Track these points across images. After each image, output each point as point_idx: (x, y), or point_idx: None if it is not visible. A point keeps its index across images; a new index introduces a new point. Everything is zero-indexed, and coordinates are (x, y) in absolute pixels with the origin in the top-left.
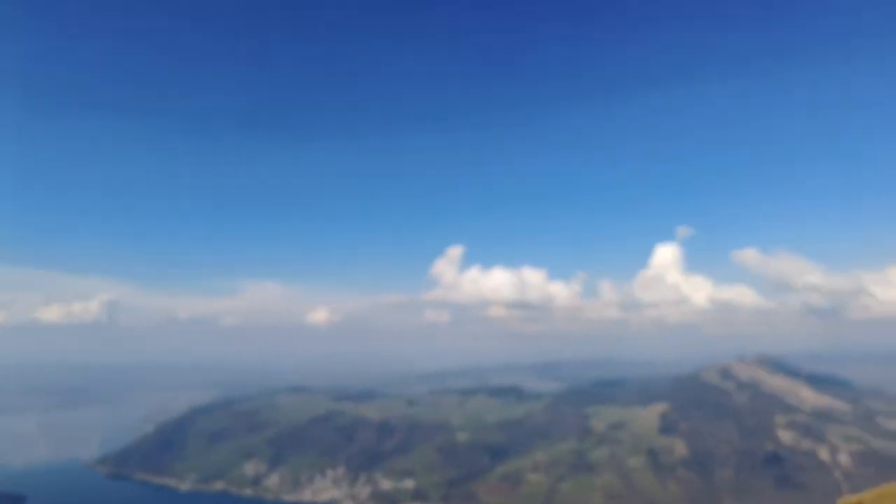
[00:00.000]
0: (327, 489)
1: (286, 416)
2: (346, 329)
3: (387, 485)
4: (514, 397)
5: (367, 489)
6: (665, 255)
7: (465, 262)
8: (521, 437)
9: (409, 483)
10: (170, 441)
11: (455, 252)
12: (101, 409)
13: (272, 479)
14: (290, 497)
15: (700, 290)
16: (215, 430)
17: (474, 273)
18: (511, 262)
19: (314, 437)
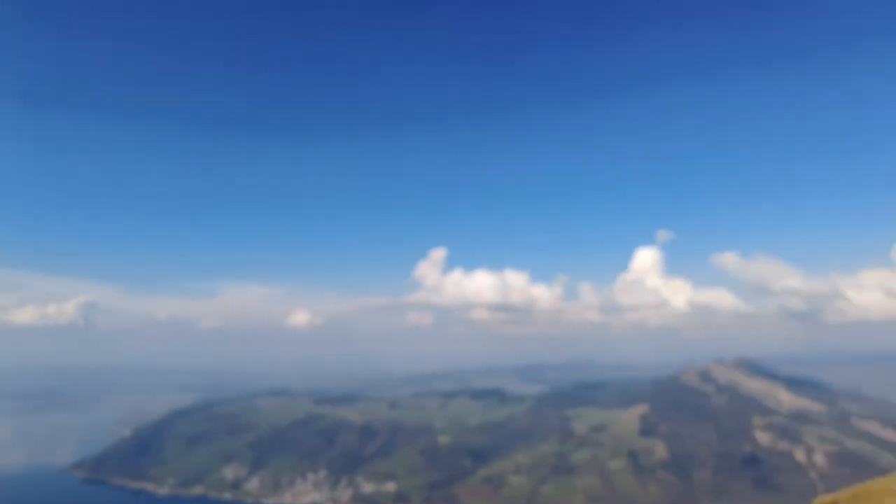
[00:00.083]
0: (308, 493)
1: (266, 420)
2: (327, 331)
3: (368, 488)
4: (496, 400)
5: (349, 492)
6: (645, 259)
7: (448, 265)
8: (503, 439)
9: (390, 486)
10: (148, 445)
11: (438, 254)
12: (76, 412)
13: (252, 483)
14: (271, 501)
15: (680, 294)
16: (194, 434)
17: (457, 275)
18: (493, 264)
19: (295, 441)
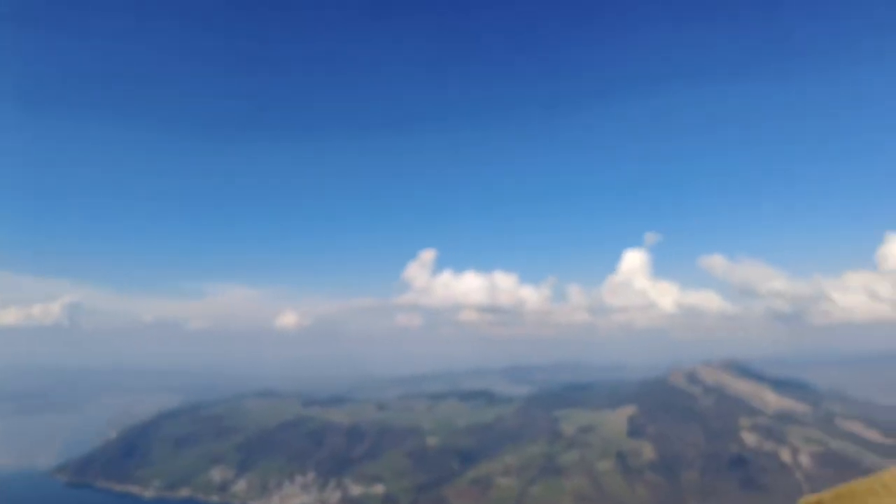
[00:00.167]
0: (296, 495)
1: (254, 422)
2: (315, 333)
3: (356, 490)
4: (484, 401)
5: (337, 494)
6: (633, 261)
7: (438, 266)
8: (492, 441)
9: (378, 488)
10: (133, 447)
11: (427, 256)
12: (61, 414)
13: (239, 485)
14: (258, 503)
15: (667, 296)
16: (181, 436)
17: (446, 277)
18: (483, 266)
19: (283, 443)
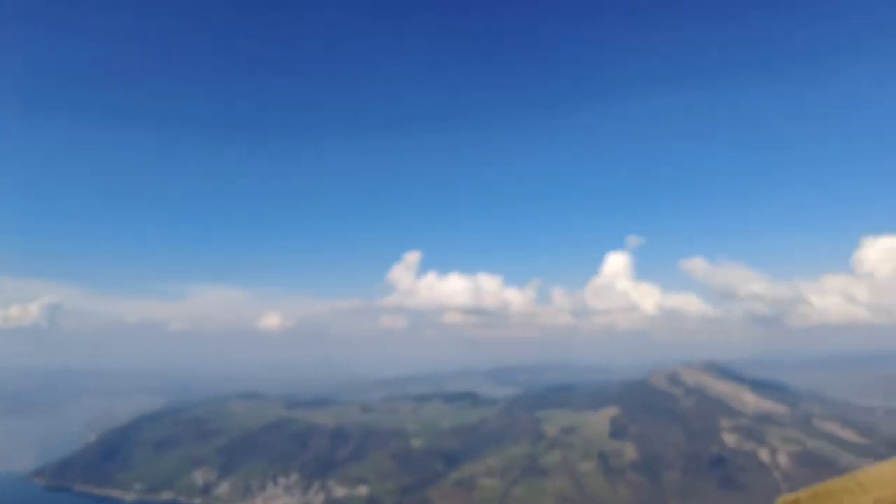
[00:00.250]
0: (279, 497)
1: (237, 424)
2: (299, 334)
3: (340, 492)
4: (468, 403)
5: (321, 497)
6: (616, 264)
7: (422, 268)
8: (476, 442)
9: (362, 490)
10: (114, 450)
11: (412, 257)
12: (39, 417)
13: (222, 488)
14: None
15: (649, 298)
16: (163, 438)
17: (431, 279)
18: (467, 268)
19: (266, 445)
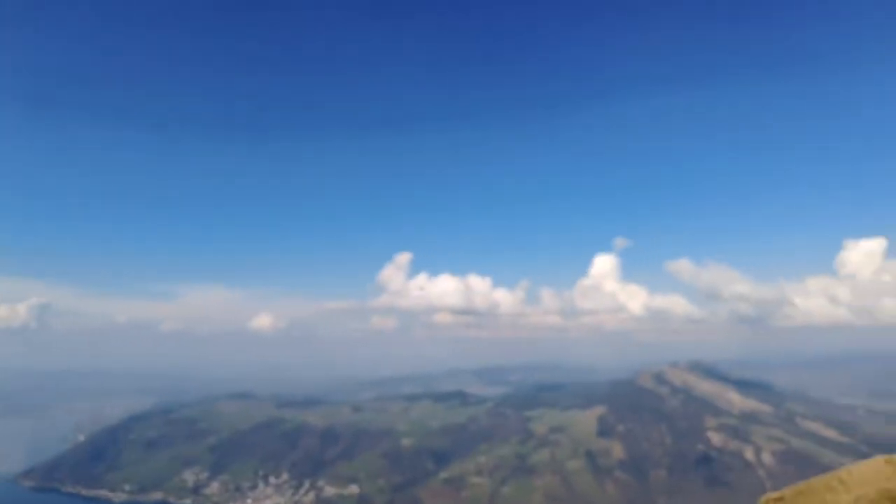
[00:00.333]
0: (270, 497)
1: (228, 423)
2: (290, 335)
3: (330, 491)
4: (458, 402)
5: (311, 496)
6: (603, 265)
7: (413, 269)
8: (465, 441)
9: (353, 489)
10: (103, 450)
11: (403, 258)
12: (28, 418)
13: (213, 488)
14: None
15: (636, 299)
16: (153, 438)
17: (421, 280)
18: (458, 269)
19: (257, 444)
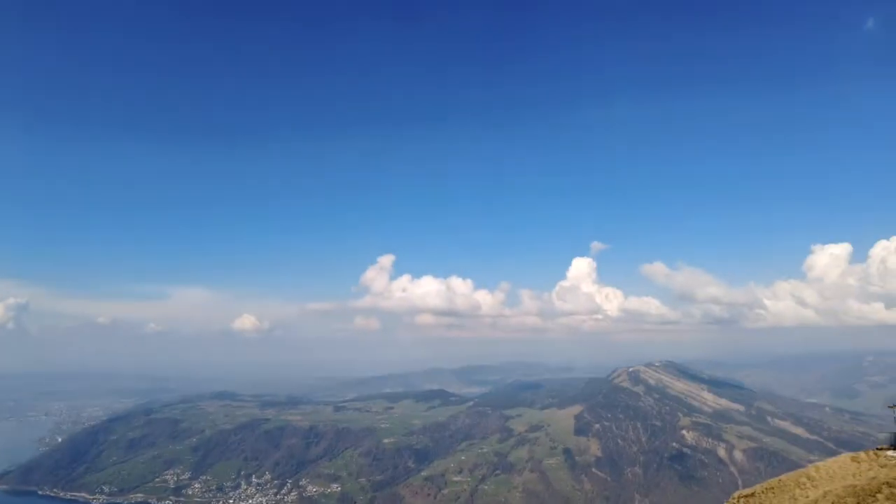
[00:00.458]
0: (252, 496)
1: (210, 423)
2: (273, 336)
3: (313, 490)
4: (439, 401)
5: (294, 495)
6: (581, 268)
7: (396, 271)
8: (446, 439)
9: (335, 488)
10: (82, 452)
11: (386, 260)
12: (3, 420)
13: (194, 488)
14: None
15: (612, 301)
16: (134, 439)
17: (404, 281)
18: (440, 271)
19: (239, 444)
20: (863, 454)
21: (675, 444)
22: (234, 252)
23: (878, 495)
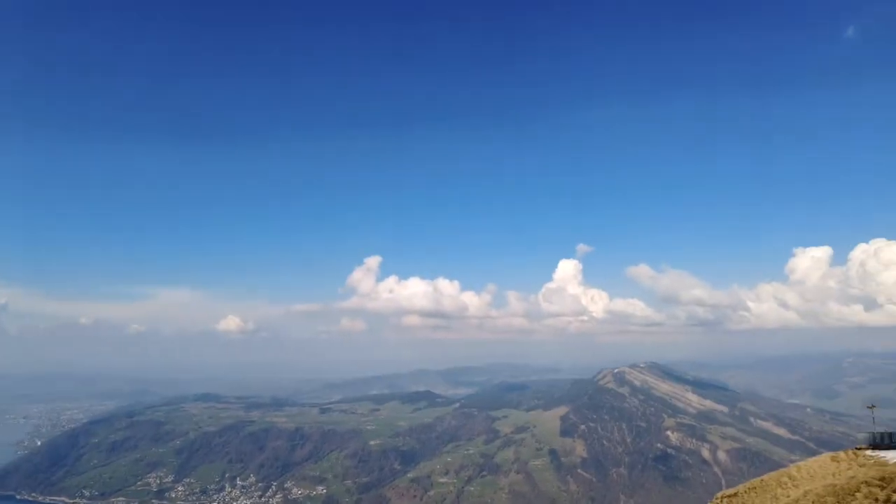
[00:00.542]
0: (237, 498)
1: (194, 426)
2: (258, 337)
3: (298, 492)
4: (425, 403)
5: (279, 497)
6: (567, 270)
7: (383, 273)
8: (432, 441)
9: (320, 490)
10: (63, 455)
11: (373, 262)
12: None
13: (177, 491)
14: None
15: (598, 302)
16: (116, 442)
17: (391, 283)
18: (427, 273)
19: (224, 446)
20: (842, 454)
21: (659, 445)
22: (220, 253)
23: (857, 494)
